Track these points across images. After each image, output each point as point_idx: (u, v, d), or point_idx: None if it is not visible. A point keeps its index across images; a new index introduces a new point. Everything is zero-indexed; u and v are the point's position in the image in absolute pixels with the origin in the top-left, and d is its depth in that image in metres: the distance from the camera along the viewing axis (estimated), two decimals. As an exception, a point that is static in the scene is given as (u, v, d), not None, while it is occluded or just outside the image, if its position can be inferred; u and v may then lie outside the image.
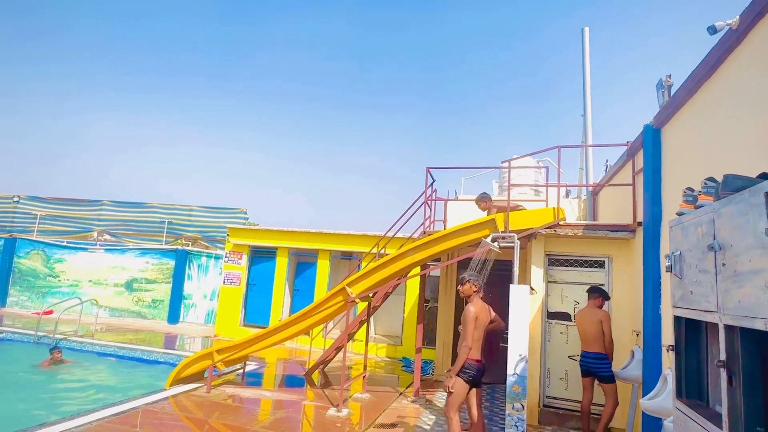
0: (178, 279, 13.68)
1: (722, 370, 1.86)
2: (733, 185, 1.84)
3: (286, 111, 54.84)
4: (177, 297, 13.61)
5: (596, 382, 5.39)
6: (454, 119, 60.84)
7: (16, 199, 16.61)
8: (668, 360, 4.55)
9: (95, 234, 16.18)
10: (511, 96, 61.81)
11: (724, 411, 1.83)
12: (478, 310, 4.39)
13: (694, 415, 2.15)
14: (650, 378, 4.91)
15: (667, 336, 4.69)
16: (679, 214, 2.45)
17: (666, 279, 4.86)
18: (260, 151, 55.54)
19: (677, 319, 2.45)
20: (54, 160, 48.61)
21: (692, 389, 2.35)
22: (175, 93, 51.53)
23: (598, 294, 5.50)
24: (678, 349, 2.43)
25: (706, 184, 2.19)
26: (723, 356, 1.86)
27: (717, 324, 1.96)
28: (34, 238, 15.15)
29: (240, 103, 53.03)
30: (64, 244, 14.95)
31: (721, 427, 1.85)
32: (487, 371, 4.78)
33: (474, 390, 4.63)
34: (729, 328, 1.85)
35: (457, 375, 4.32)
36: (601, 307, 5.46)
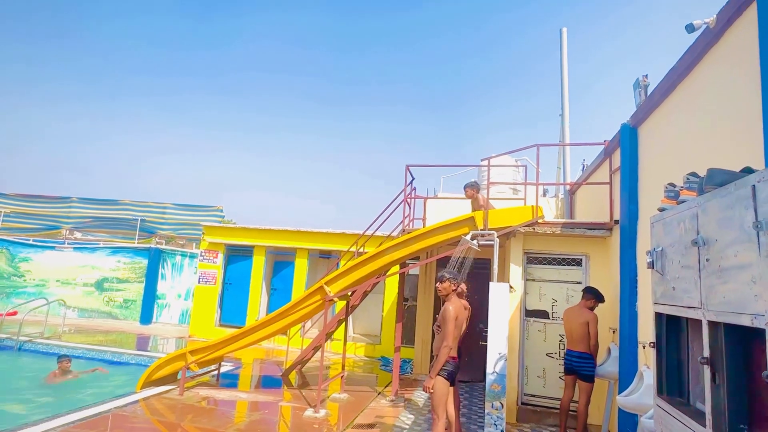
0: (151, 278, 13.30)
1: (705, 367, 1.83)
2: (717, 179, 1.81)
3: (265, 105, 54.21)
4: (150, 297, 13.23)
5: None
6: (437, 116, 61.12)
7: (-22, 195, 15.90)
8: (644, 357, 4.59)
9: (64, 232, 15.62)
10: (494, 92, 62.41)
11: (707, 409, 1.80)
12: (456, 309, 4.34)
13: (675, 413, 2.13)
14: (626, 374, 4.95)
15: (643, 333, 4.74)
16: (661, 209, 2.44)
17: (642, 276, 4.90)
18: (238, 148, 54.76)
19: (658, 316, 2.43)
20: (19, 155, 46.94)
21: (673, 386, 2.33)
22: (150, 88, 50.39)
23: (592, 296, 5.42)
24: (659, 345, 2.41)
25: (688, 179, 2.17)
26: (706, 353, 1.84)
27: (700, 320, 1.93)
28: (-3, 236, 14.53)
29: (219, 98, 52.14)
30: (30, 242, 14.37)
31: (704, 425, 1.82)
32: (465, 370, 4.74)
33: (451, 389, 4.58)
34: (713, 324, 1.83)
35: (438, 375, 4.26)
36: (592, 308, 5.41)
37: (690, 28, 3.52)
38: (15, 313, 11.33)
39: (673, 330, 2.38)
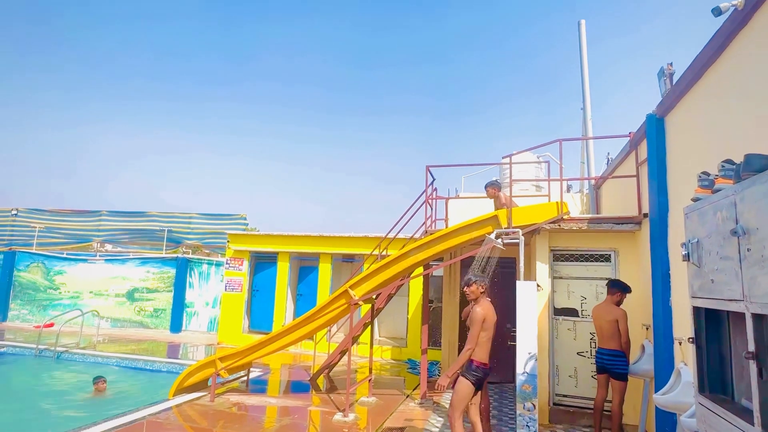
0: (179, 287, 13.57)
1: (751, 362, 1.75)
2: (756, 165, 1.73)
3: (286, 114, 54.89)
4: (179, 305, 13.49)
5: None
6: (454, 118, 60.84)
7: (14, 212, 16.52)
8: (681, 353, 4.44)
9: (95, 245, 16.09)
10: (510, 91, 61.80)
11: (755, 405, 1.72)
12: (485, 310, 4.27)
13: (720, 411, 2.04)
14: (662, 372, 4.80)
15: (679, 329, 4.58)
16: (695, 199, 2.35)
17: (676, 270, 4.75)
18: (260, 156, 55.54)
19: (696, 310, 2.34)
20: (53, 172, 48.66)
21: (715, 383, 2.23)
22: (173, 99, 51.62)
23: (617, 289, 5.26)
24: (698, 341, 2.32)
25: (723, 166, 2.08)
26: (752, 347, 1.75)
27: (742, 313, 1.85)
28: (33, 251, 15.04)
29: (238, 107, 53.04)
30: (64, 255, 14.84)
31: (752, 423, 1.74)
32: (493, 371, 4.64)
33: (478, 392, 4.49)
34: (757, 317, 1.74)
35: (465, 377, 4.19)
36: (620, 302, 5.25)
37: (717, 11, 3.39)
38: (52, 325, 11.69)
39: (712, 324, 2.29)
